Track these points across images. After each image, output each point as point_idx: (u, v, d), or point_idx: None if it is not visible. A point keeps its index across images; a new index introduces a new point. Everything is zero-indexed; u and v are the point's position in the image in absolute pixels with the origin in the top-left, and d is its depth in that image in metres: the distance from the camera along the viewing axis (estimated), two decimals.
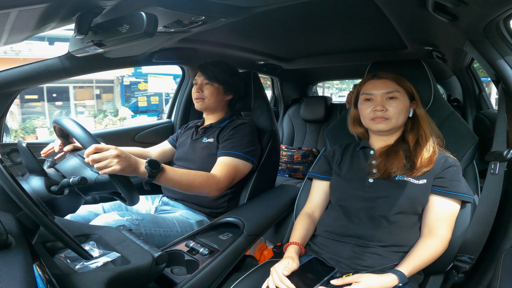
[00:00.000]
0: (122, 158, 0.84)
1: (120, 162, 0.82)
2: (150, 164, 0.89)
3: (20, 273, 0.44)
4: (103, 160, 0.81)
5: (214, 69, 1.30)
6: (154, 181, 0.92)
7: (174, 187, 0.98)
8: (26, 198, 0.54)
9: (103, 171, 0.81)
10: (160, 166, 0.92)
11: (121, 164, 0.82)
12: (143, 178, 0.90)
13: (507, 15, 0.76)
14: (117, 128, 1.94)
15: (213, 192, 1.09)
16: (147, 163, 0.89)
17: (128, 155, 0.86)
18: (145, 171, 0.89)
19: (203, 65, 1.32)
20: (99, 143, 0.84)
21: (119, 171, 0.82)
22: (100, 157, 0.81)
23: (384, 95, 0.94)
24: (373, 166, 0.97)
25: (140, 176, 0.90)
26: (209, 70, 1.30)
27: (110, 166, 0.81)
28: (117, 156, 0.83)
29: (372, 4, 0.95)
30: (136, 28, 0.73)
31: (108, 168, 0.81)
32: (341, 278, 0.84)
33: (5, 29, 0.75)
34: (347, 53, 1.87)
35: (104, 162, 0.81)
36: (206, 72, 1.30)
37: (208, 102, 1.31)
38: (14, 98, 1.25)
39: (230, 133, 1.24)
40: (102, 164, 0.81)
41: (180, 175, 0.98)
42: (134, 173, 0.87)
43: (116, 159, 0.82)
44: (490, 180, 0.90)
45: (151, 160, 0.90)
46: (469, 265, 0.92)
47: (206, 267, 0.92)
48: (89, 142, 0.84)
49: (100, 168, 0.81)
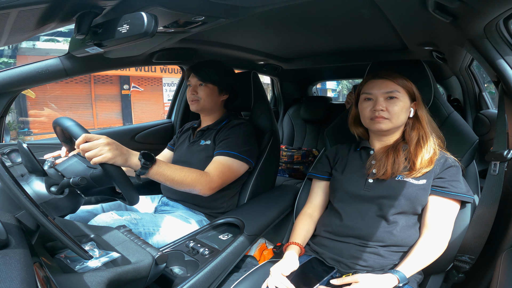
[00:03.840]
0: (113, 146, 0.84)
1: (111, 150, 0.82)
2: (144, 156, 0.89)
3: (20, 273, 0.44)
4: (93, 149, 0.81)
5: (207, 69, 1.28)
6: (147, 174, 0.92)
7: (166, 182, 0.97)
8: (26, 198, 0.54)
9: (94, 160, 0.81)
10: (154, 159, 0.92)
11: (112, 152, 0.82)
12: (136, 170, 0.90)
13: (507, 15, 0.75)
14: (117, 128, 1.94)
15: (204, 190, 1.08)
16: (141, 154, 0.89)
17: (119, 145, 0.86)
18: (138, 162, 0.89)
19: (195, 66, 1.30)
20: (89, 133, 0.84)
21: (110, 160, 0.82)
22: (90, 146, 0.81)
23: (384, 94, 0.94)
24: (373, 166, 0.97)
25: (132, 168, 0.89)
26: (202, 71, 1.28)
27: (100, 154, 0.81)
28: (107, 144, 0.83)
29: (372, 4, 0.95)
30: (136, 28, 0.73)
31: (98, 157, 0.81)
32: (341, 278, 0.84)
33: (5, 29, 0.75)
34: (347, 53, 1.87)
35: (94, 151, 0.81)
36: (199, 73, 1.28)
37: (204, 103, 1.29)
38: (14, 98, 1.25)
39: (226, 134, 1.24)
40: (92, 153, 0.81)
41: (173, 170, 0.98)
42: (127, 163, 0.87)
43: (107, 147, 0.82)
44: (490, 180, 0.90)
45: (145, 152, 0.90)
46: (469, 265, 0.92)
47: (206, 267, 0.92)
48: (79, 132, 0.84)
49: (91, 157, 0.81)
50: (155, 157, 0.93)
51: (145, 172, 0.91)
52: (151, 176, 0.94)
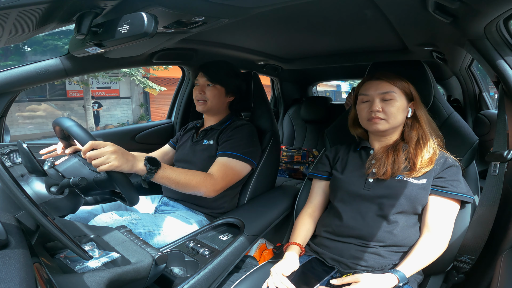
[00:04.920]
0: (119, 154, 0.83)
1: (117, 158, 0.82)
2: (150, 161, 0.89)
3: (20, 273, 0.43)
4: (100, 157, 0.81)
5: (216, 70, 1.27)
6: (153, 179, 0.92)
7: (171, 185, 0.98)
8: (26, 198, 0.54)
9: (100, 167, 0.81)
10: (159, 164, 0.92)
11: (118, 160, 0.82)
12: (142, 176, 0.90)
13: (507, 15, 0.76)
14: (117, 128, 1.94)
15: (209, 193, 1.08)
16: (147, 160, 0.89)
17: (125, 152, 0.86)
18: (144, 168, 0.89)
19: (205, 66, 1.29)
20: (96, 140, 0.84)
21: (116, 167, 0.82)
22: (97, 154, 0.81)
23: (380, 95, 0.94)
24: (373, 166, 0.97)
25: (138, 173, 0.89)
26: (212, 71, 1.27)
27: (107, 163, 0.81)
28: (114, 152, 0.82)
29: (372, 5, 0.95)
30: (136, 28, 0.73)
31: (105, 165, 0.81)
32: (341, 278, 0.84)
33: (5, 29, 0.75)
34: (347, 53, 1.87)
35: (101, 159, 0.81)
36: (208, 73, 1.27)
37: (211, 104, 1.28)
38: (14, 98, 1.25)
39: (229, 134, 1.24)
40: (99, 161, 0.81)
41: (178, 173, 0.98)
42: (132, 169, 0.86)
43: (114, 155, 0.82)
44: (490, 180, 0.90)
45: (150, 157, 0.90)
46: (469, 265, 0.92)
47: (206, 267, 0.92)
48: (86, 139, 0.84)
49: (97, 165, 0.81)
50: (160, 162, 0.93)
51: (151, 177, 0.91)
52: (157, 180, 0.94)
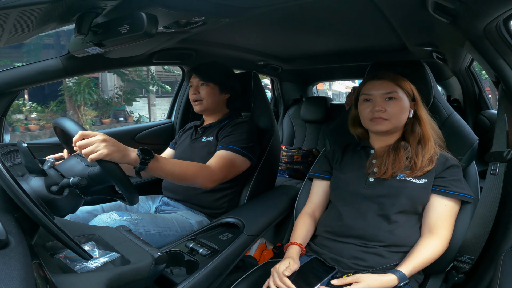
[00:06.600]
0: (109, 142, 0.83)
1: (107, 146, 0.82)
2: (142, 151, 0.89)
3: (20, 273, 0.43)
4: (90, 145, 0.81)
5: (208, 69, 1.31)
6: (146, 170, 0.91)
7: (167, 176, 0.97)
8: (26, 198, 0.54)
9: (91, 156, 0.80)
10: (153, 154, 0.91)
11: (108, 148, 0.82)
12: (135, 167, 0.89)
13: (507, 15, 0.75)
14: (117, 128, 1.94)
15: (206, 183, 1.07)
16: (139, 150, 0.89)
17: (116, 141, 0.86)
18: (137, 157, 0.88)
19: (196, 67, 1.34)
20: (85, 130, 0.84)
21: (106, 156, 0.81)
22: (87, 142, 0.81)
23: (383, 95, 0.94)
24: (373, 165, 0.97)
25: (131, 164, 0.89)
26: (203, 71, 1.31)
27: (97, 151, 0.80)
28: (104, 140, 0.82)
29: (372, 5, 0.95)
30: (136, 28, 0.73)
31: (95, 153, 0.80)
32: (341, 278, 0.84)
33: (5, 29, 0.75)
34: (347, 53, 1.87)
35: (91, 147, 0.81)
36: (200, 73, 1.31)
37: (206, 103, 1.31)
38: (14, 98, 1.25)
39: (229, 130, 1.25)
40: (89, 149, 0.80)
41: (172, 164, 0.97)
42: (125, 159, 0.86)
43: (103, 143, 0.82)
44: (490, 180, 0.90)
45: (143, 147, 0.90)
46: (469, 265, 0.92)
47: (206, 267, 0.92)
48: (76, 129, 0.84)
49: (87, 154, 0.80)
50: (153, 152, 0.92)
51: (144, 167, 0.90)
52: (151, 171, 0.92)
